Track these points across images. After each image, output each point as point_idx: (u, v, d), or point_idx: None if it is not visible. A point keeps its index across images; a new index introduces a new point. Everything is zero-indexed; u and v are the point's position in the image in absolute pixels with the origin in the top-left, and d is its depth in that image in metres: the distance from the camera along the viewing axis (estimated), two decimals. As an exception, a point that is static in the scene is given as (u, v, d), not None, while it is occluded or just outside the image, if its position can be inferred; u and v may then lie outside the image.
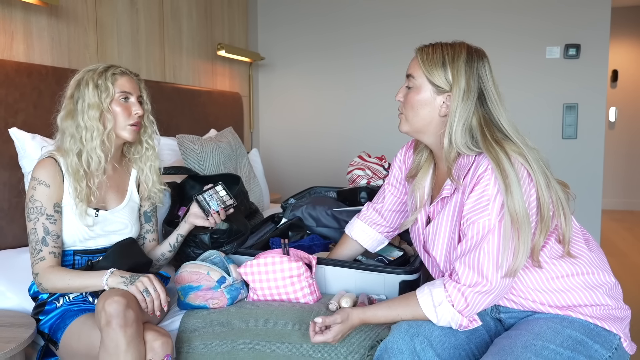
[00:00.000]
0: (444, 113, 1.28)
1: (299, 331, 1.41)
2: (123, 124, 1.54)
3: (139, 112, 1.56)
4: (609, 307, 1.23)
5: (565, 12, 3.41)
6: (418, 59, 1.29)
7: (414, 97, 1.29)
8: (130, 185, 1.67)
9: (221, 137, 2.61)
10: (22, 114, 1.85)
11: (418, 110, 1.29)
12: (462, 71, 1.24)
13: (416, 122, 1.31)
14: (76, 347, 1.41)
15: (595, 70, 3.41)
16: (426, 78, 1.27)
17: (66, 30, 2.18)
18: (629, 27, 5.90)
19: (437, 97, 1.27)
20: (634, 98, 6.03)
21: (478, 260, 1.18)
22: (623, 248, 4.46)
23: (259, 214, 2.25)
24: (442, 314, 1.21)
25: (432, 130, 1.31)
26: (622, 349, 1.21)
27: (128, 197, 1.65)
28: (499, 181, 1.17)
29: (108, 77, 1.52)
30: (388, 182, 1.60)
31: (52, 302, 1.51)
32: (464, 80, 1.24)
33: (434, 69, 1.26)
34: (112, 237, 1.58)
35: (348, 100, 3.89)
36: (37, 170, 1.49)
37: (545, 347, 1.14)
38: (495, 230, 1.17)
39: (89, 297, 1.54)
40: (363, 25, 3.80)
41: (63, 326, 1.44)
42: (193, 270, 1.57)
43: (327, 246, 1.91)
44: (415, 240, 1.45)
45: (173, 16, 2.93)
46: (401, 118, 1.35)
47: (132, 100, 1.56)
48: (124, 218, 1.61)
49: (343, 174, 3.00)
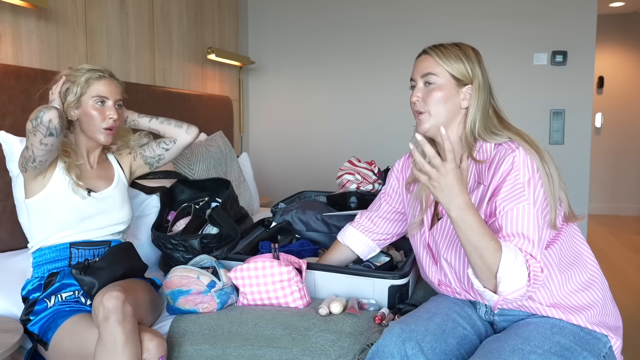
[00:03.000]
0: (465, 105, 1.33)
1: (288, 335, 1.41)
2: (98, 127, 1.60)
3: (113, 116, 1.60)
4: (605, 312, 1.26)
5: (552, 20, 3.45)
6: (435, 57, 1.34)
7: (438, 93, 1.33)
8: (116, 169, 1.74)
9: (211, 141, 2.61)
10: (10, 116, 1.83)
11: (443, 106, 1.33)
12: (475, 64, 1.33)
13: (440, 117, 1.34)
14: (67, 347, 1.40)
15: (581, 77, 3.46)
16: (448, 73, 1.33)
17: (55, 33, 2.16)
18: (615, 34, 5.99)
19: (459, 89, 1.33)
20: (620, 104, 6.11)
21: (525, 243, 1.16)
22: (609, 252, 4.51)
23: (248, 218, 2.25)
24: (515, 276, 1.12)
25: (454, 124, 1.35)
26: (611, 357, 1.22)
27: (116, 179, 1.71)
28: (531, 154, 1.23)
29: (81, 82, 1.59)
30: (384, 191, 1.62)
31: (43, 300, 1.50)
32: (479, 71, 1.33)
33: (454, 63, 1.32)
34: (106, 217, 1.63)
35: (338, 104, 3.91)
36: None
37: (533, 352, 1.15)
38: (532, 212, 1.18)
39: (82, 297, 1.53)
40: (353, 31, 3.82)
41: (54, 326, 1.44)
42: (183, 275, 1.56)
43: (316, 251, 1.91)
44: (417, 245, 1.45)
45: (163, 19, 2.92)
46: (422, 118, 1.36)
47: (108, 104, 1.61)
48: (115, 198, 1.67)
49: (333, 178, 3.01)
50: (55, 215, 1.56)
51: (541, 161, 1.24)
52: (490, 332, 1.35)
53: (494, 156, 1.28)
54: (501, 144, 1.29)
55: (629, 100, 6.08)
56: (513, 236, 1.17)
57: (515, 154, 1.23)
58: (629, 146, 6.12)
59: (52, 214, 1.56)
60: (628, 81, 6.06)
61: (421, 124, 1.36)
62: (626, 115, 6.10)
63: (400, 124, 3.77)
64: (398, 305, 1.54)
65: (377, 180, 2.43)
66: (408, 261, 1.66)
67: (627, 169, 6.16)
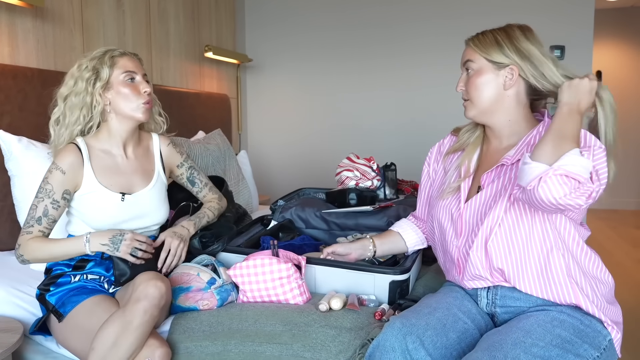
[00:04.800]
0: (509, 86, 1.34)
1: (289, 331, 1.41)
2: (135, 104, 1.53)
3: (147, 89, 1.55)
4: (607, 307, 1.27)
5: (549, 14, 3.45)
6: (471, 45, 1.37)
7: (477, 80, 1.36)
8: (156, 165, 1.67)
9: (209, 139, 2.61)
10: (8, 116, 1.83)
11: (483, 91, 1.35)
12: (523, 41, 1.32)
13: (483, 103, 1.36)
14: (83, 323, 1.40)
15: (579, 71, 3.45)
16: (484, 58, 1.34)
17: (52, 32, 2.16)
18: (612, 29, 5.99)
19: (499, 72, 1.34)
20: (618, 98, 6.06)
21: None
22: (608, 247, 4.52)
23: (247, 216, 2.25)
24: (579, 162, 1.12)
25: (500, 107, 1.36)
26: (610, 349, 1.23)
27: (156, 177, 1.64)
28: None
29: (105, 61, 1.52)
30: (422, 187, 1.61)
31: (68, 275, 1.51)
32: (530, 47, 1.32)
33: (489, 47, 1.34)
34: (140, 220, 1.58)
35: (336, 101, 3.90)
36: (58, 156, 1.51)
37: (535, 345, 1.15)
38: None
39: (105, 284, 1.53)
40: (351, 28, 3.81)
41: (75, 301, 1.44)
42: (183, 272, 1.57)
43: (317, 247, 1.91)
44: (444, 213, 1.43)
45: (160, 18, 2.91)
46: (467, 105, 1.40)
47: (138, 79, 1.55)
48: (151, 200, 1.60)
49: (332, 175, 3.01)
50: (88, 218, 1.53)
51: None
52: (490, 325, 1.35)
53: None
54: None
55: (627, 94, 6.08)
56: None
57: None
58: (627, 140, 6.13)
59: (85, 216, 1.53)
60: (626, 75, 6.07)
61: (466, 111, 1.40)
62: (624, 109, 6.10)
63: (399, 120, 3.77)
64: (398, 300, 1.54)
65: (376, 177, 2.43)
66: (409, 257, 1.66)
67: (625, 163, 6.17)
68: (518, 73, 1.32)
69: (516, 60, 1.32)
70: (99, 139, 1.57)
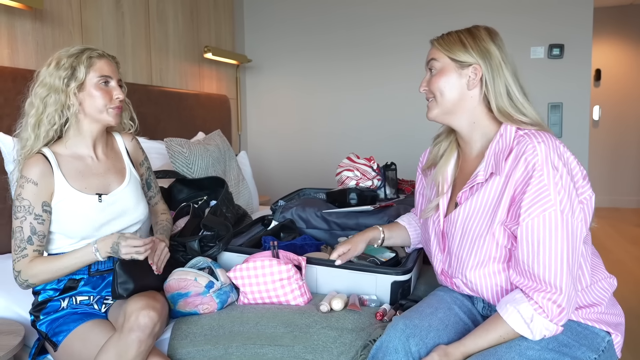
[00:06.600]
0: (472, 86, 1.30)
1: (290, 333, 1.40)
2: (104, 109, 1.48)
3: (120, 96, 1.50)
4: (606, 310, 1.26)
5: (548, 13, 3.45)
6: (435, 45, 1.35)
7: (439, 78, 1.33)
8: (126, 162, 1.63)
9: (209, 140, 2.61)
10: (7, 119, 1.83)
11: (445, 90, 1.32)
12: (488, 43, 1.30)
13: (446, 103, 1.33)
14: (79, 351, 1.38)
15: (578, 70, 3.46)
16: (448, 57, 1.32)
17: (51, 34, 2.16)
18: (611, 27, 5.99)
19: (462, 71, 1.31)
20: (617, 96, 6.11)
21: (557, 258, 1.14)
22: (608, 245, 4.52)
23: (247, 217, 2.25)
24: (536, 329, 1.14)
25: (463, 108, 1.32)
26: (610, 351, 1.22)
27: (128, 174, 1.60)
28: (554, 148, 1.20)
29: (83, 60, 1.46)
30: (418, 191, 1.60)
31: (57, 300, 1.47)
32: (493, 49, 1.30)
33: (453, 46, 1.31)
34: (122, 220, 1.53)
35: (336, 101, 3.90)
36: (25, 168, 1.44)
37: (530, 348, 1.15)
38: (561, 221, 1.15)
39: (95, 304, 1.50)
40: (350, 28, 3.81)
41: (66, 329, 1.41)
42: (180, 278, 1.56)
43: (318, 247, 1.91)
44: (428, 231, 1.43)
45: (159, 19, 2.91)
46: (430, 105, 1.37)
47: (112, 84, 1.51)
48: (129, 197, 1.56)
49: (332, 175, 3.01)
50: (68, 228, 1.47)
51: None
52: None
53: (513, 145, 1.24)
54: (525, 132, 1.26)
55: (627, 92, 6.08)
56: (535, 282, 1.16)
57: (537, 149, 1.18)
58: (626, 138, 6.13)
59: (65, 227, 1.47)
60: (625, 73, 6.06)
61: (428, 111, 1.37)
62: (624, 107, 6.10)
63: (398, 120, 3.77)
64: (400, 301, 1.54)
65: (376, 177, 2.43)
66: (411, 257, 1.66)
67: (625, 162, 6.17)
68: (482, 73, 1.29)
69: (479, 59, 1.29)
70: (66, 146, 1.51)
